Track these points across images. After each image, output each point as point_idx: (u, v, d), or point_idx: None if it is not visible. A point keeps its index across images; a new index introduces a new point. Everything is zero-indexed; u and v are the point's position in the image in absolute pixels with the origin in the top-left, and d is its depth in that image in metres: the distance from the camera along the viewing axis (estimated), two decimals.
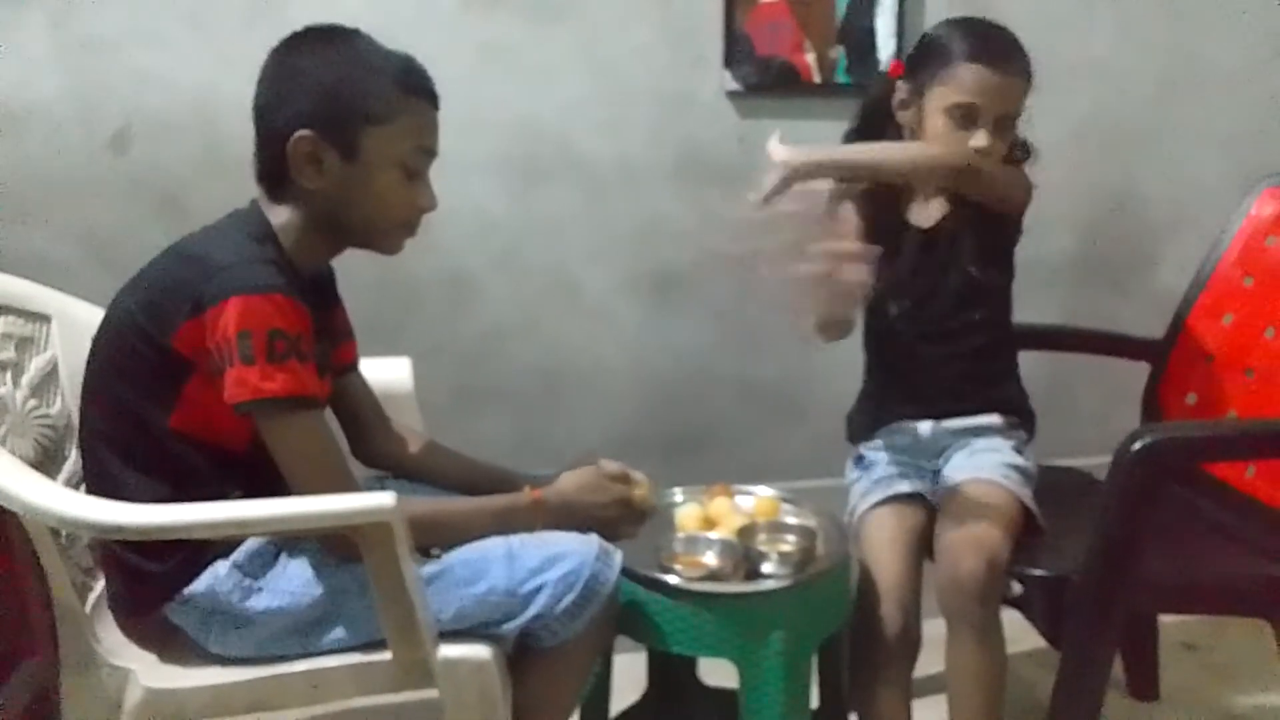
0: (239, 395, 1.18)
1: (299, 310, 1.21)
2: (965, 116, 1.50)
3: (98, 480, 1.30)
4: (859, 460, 1.70)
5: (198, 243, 1.30)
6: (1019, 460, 1.58)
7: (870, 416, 1.71)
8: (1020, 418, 1.67)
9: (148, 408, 1.25)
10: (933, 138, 1.53)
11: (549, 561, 1.28)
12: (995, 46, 1.52)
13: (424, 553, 1.29)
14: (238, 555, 1.27)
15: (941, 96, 1.51)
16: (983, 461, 1.57)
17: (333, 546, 1.26)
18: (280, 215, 1.32)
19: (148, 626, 1.32)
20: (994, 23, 1.57)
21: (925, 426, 1.64)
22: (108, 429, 1.29)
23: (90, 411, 1.32)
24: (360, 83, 1.27)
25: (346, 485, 1.23)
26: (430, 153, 1.34)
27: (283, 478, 1.25)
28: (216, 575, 1.26)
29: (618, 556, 1.34)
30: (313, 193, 1.29)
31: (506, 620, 1.28)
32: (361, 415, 1.53)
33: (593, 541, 1.32)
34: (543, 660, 1.32)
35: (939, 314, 1.62)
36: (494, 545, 1.30)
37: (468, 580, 1.27)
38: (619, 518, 1.42)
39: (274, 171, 1.30)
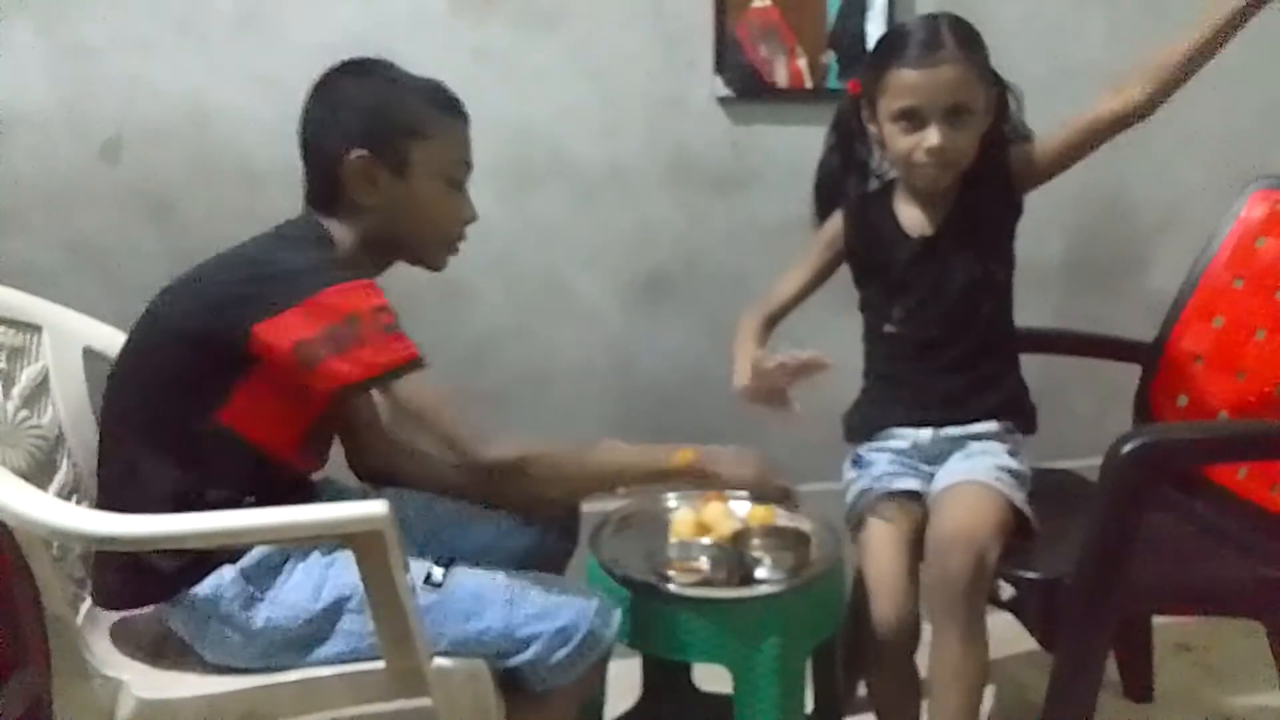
0: (358, 374, 1.21)
1: (382, 293, 1.28)
2: (911, 120, 1.49)
3: (119, 470, 1.30)
4: (857, 460, 1.68)
5: (264, 249, 1.33)
6: (1012, 464, 1.57)
7: (869, 420, 1.69)
8: (1019, 418, 1.65)
9: (198, 401, 1.27)
10: (893, 148, 1.54)
11: (548, 611, 1.30)
12: (916, 42, 1.49)
13: (427, 580, 1.29)
14: (245, 562, 1.27)
15: (886, 107, 1.52)
16: (976, 465, 1.56)
17: None
18: (335, 230, 1.37)
19: (138, 630, 1.32)
20: (927, 16, 1.54)
21: (925, 434, 1.62)
22: (144, 419, 1.29)
23: (122, 403, 1.32)
24: (403, 102, 1.36)
25: (480, 429, 1.28)
26: (469, 165, 1.43)
27: (300, 485, 1.34)
28: (222, 580, 1.26)
29: (616, 615, 1.35)
30: (365, 209, 1.35)
31: (500, 658, 1.29)
32: (358, 429, 1.54)
33: (593, 595, 1.35)
34: (527, 701, 1.33)
35: (939, 318, 1.61)
36: (495, 585, 1.31)
37: (466, 615, 1.28)
38: (772, 500, 1.54)
39: (326, 192, 1.36)
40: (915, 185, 1.60)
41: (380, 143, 1.33)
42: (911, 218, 1.62)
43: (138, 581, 1.29)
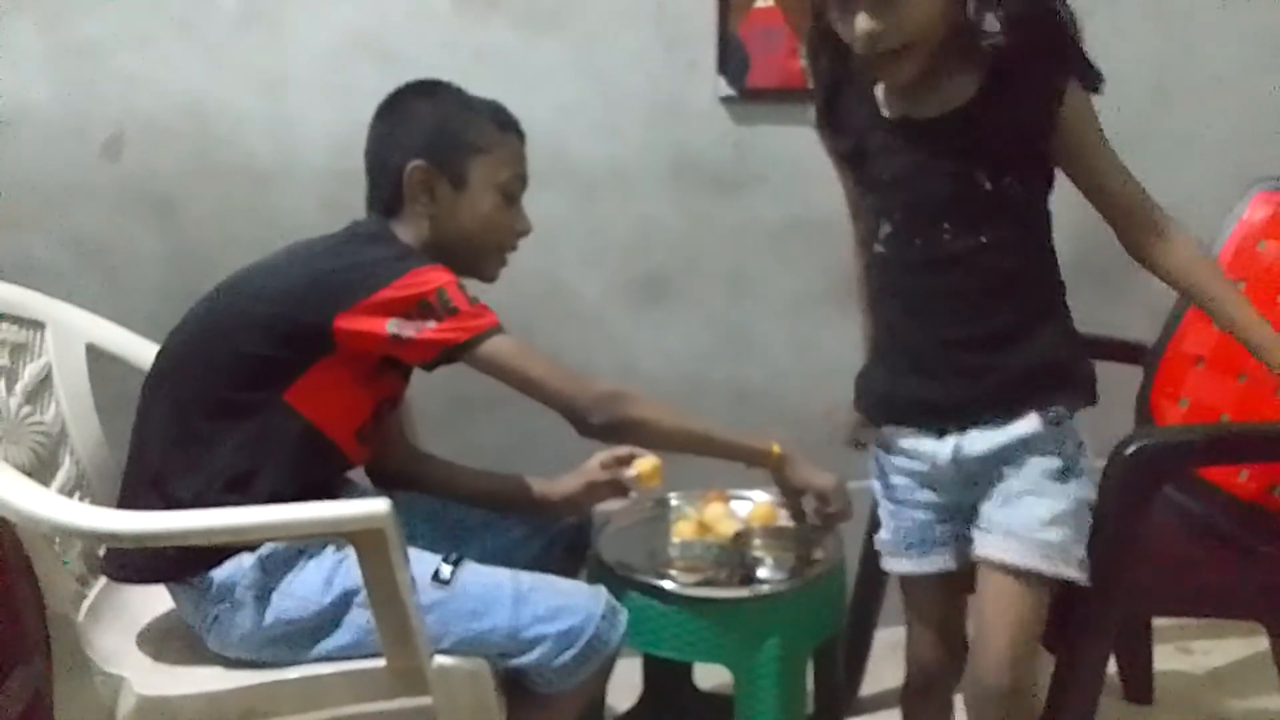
0: (454, 339, 1.32)
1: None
2: (844, 7, 1.22)
3: (175, 440, 1.32)
4: (880, 471, 1.44)
5: (345, 244, 1.40)
6: (1065, 501, 1.29)
7: (880, 390, 1.41)
8: (1066, 389, 1.32)
9: (268, 378, 1.32)
10: (847, 41, 1.26)
11: (555, 613, 1.30)
12: None
13: (435, 577, 1.29)
14: (263, 549, 1.29)
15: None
16: (1017, 520, 1.29)
17: None
18: (398, 232, 1.43)
19: (143, 621, 1.34)
20: None
21: (944, 451, 1.32)
22: (211, 391, 1.33)
23: (185, 375, 1.36)
24: (464, 119, 1.45)
25: (577, 375, 1.41)
26: (524, 180, 1.51)
27: (340, 480, 1.41)
28: (241, 566, 1.28)
29: (623, 616, 1.36)
30: (425, 218, 1.43)
31: (504, 658, 1.29)
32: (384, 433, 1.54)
33: (601, 598, 1.35)
34: (531, 703, 1.33)
35: (927, 230, 1.30)
36: (503, 584, 1.31)
37: (472, 614, 1.28)
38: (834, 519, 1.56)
39: (389, 202, 1.44)
40: (884, 81, 1.32)
41: (441, 156, 1.42)
42: (892, 96, 1.33)
43: (154, 557, 1.30)
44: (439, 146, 1.42)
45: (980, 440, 1.31)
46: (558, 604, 1.31)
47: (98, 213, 1.92)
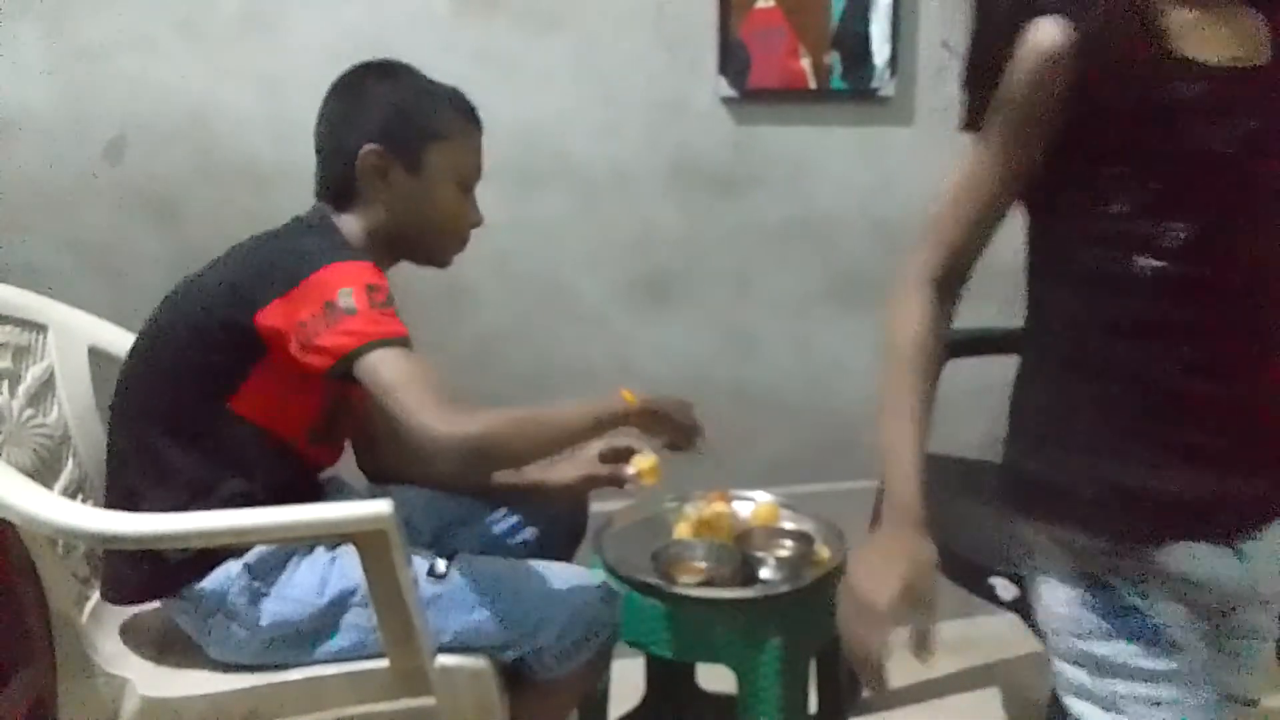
0: (346, 344, 1.18)
1: (384, 277, 1.28)
2: None
3: (135, 458, 1.31)
4: (1120, 606, 0.91)
5: (276, 239, 1.35)
6: None
7: (1106, 500, 0.91)
8: None
9: (211, 388, 1.28)
10: None
11: (553, 597, 1.30)
12: None
13: (430, 572, 1.29)
14: (250, 556, 1.28)
15: None
16: None
17: None
18: (345, 224, 1.38)
19: (143, 627, 1.33)
20: None
21: (1228, 566, 0.89)
22: (160, 406, 1.30)
23: (138, 391, 1.34)
24: (423, 104, 1.38)
25: (454, 404, 1.18)
26: (479, 171, 1.45)
27: (312, 481, 1.36)
28: (228, 574, 1.27)
29: (620, 598, 1.36)
30: (377, 204, 1.38)
31: (505, 649, 1.29)
32: (369, 427, 1.54)
33: (597, 580, 1.35)
34: (533, 691, 1.33)
35: (1271, 236, 0.89)
36: (499, 574, 1.31)
37: (470, 605, 1.28)
38: (690, 434, 1.46)
39: (340, 185, 1.38)
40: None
41: (397, 140, 1.36)
42: (1207, 34, 0.88)
43: (145, 576, 1.29)
44: (396, 131, 1.36)
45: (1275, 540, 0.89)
46: (555, 588, 1.31)
47: (100, 215, 1.93)
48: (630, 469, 1.49)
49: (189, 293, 1.34)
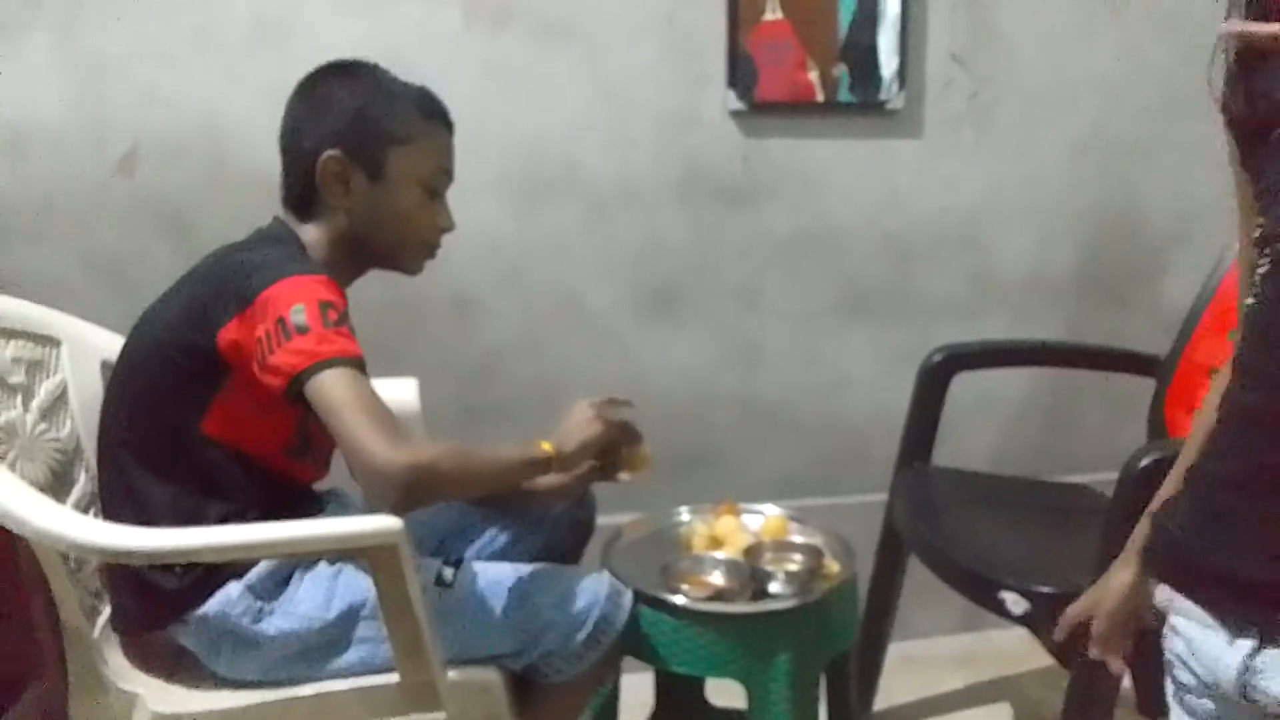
0: (297, 364, 1.14)
1: (341, 293, 1.25)
2: None
3: (118, 489, 1.30)
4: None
5: (232, 254, 1.32)
6: None
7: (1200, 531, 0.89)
8: None
9: (180, 413, 1.26)
10: None
11: (560, 598, 1.30)
12: None
13: (438, 580, 1.29)
14: (250, 577, 1.27)
15: None
16: None
17: None
18: (308, 234, 1.35)
19: (154, 646, 1.32)
20: None
21: (1230, 658, 0.85)
22: (134, 436, 1.29)
23: (115, 421, 1.32)
24: (384, 107, 1.33)
25: (397, 432, 1.15)
26: (449, 174, 1.39)
27: (304, 495, 1.31)
28: (229, 597, 1.26)
29: (627, 597, 1.36)
30: (340, 212, 1.33)
31: (514, 655, 1.29)
32: None
33: (604, 581, 1.35)
34: (543, 695, 1.33)
35: None
36: (505, 579, 1.31)
37: (478, 611, 1.28)
38: (622, 439, 1.40)
39: (302, 193, 1.34)
40: None
41: (356, 145, 1.31)
42: None
43: (149, 604, 1.29)
44: (355, 136, 1.30)
45: None
46: (562, 590, 1.31)
47: (112, 227, 1.93)
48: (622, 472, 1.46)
49: (153, 317, 1.32)
